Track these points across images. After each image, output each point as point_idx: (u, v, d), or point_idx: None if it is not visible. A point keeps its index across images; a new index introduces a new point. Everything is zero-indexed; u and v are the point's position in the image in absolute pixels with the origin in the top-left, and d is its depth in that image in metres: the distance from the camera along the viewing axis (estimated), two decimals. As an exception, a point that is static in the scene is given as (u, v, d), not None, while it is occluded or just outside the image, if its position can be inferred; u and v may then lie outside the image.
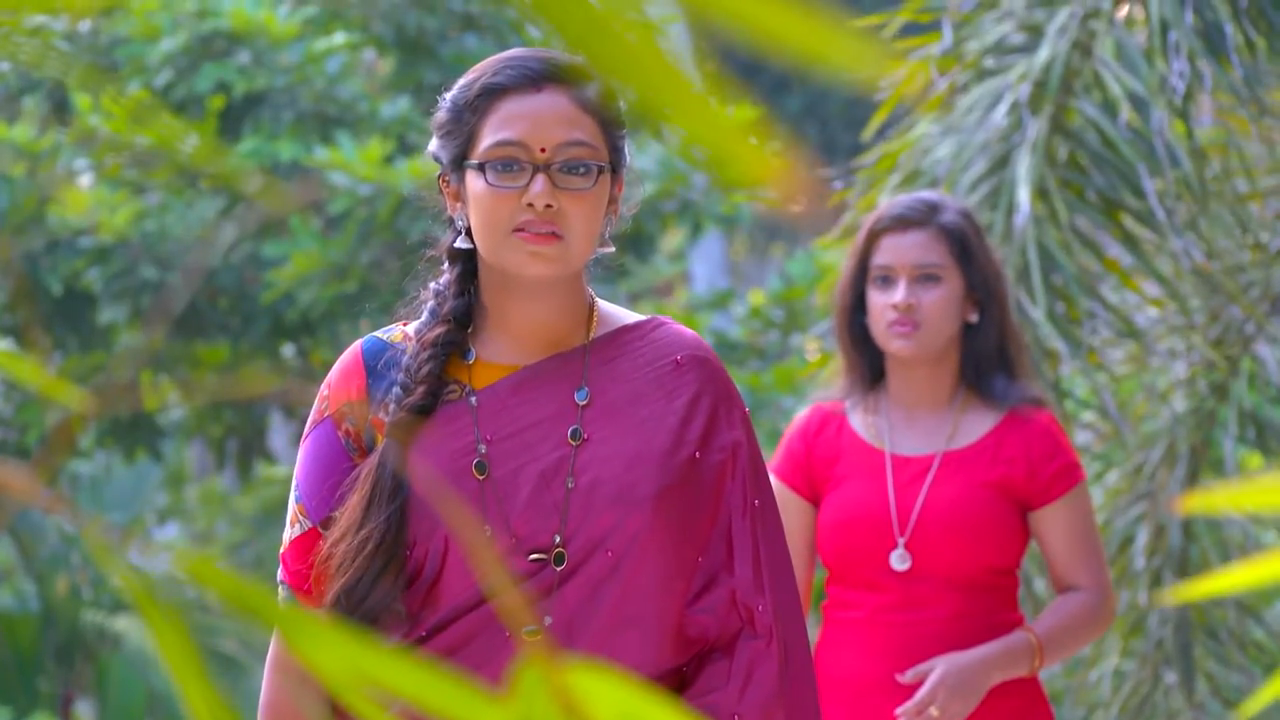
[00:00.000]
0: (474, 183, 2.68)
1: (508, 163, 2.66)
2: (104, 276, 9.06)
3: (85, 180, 9.19)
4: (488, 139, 2.67)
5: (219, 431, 10.05)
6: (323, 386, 2.78)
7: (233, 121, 9.20)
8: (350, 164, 8.75)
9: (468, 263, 2.76)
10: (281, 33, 9.07)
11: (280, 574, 2.78)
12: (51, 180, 9.04)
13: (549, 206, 2.64)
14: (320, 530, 2.73)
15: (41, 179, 8.99)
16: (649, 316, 2.82)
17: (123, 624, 11.21)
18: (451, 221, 2.77)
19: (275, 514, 12.87)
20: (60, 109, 9.27)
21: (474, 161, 2.68)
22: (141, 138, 8.91)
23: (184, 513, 13.48)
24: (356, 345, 2.79)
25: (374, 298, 8.93)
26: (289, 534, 2.77)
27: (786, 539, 3.85)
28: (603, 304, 2.79)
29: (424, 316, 2.76)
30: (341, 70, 9.15)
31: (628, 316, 2.80)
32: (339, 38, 9.20)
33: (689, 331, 2.81)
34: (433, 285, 2.79)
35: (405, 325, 2.79)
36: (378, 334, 2.79)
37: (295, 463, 2.81)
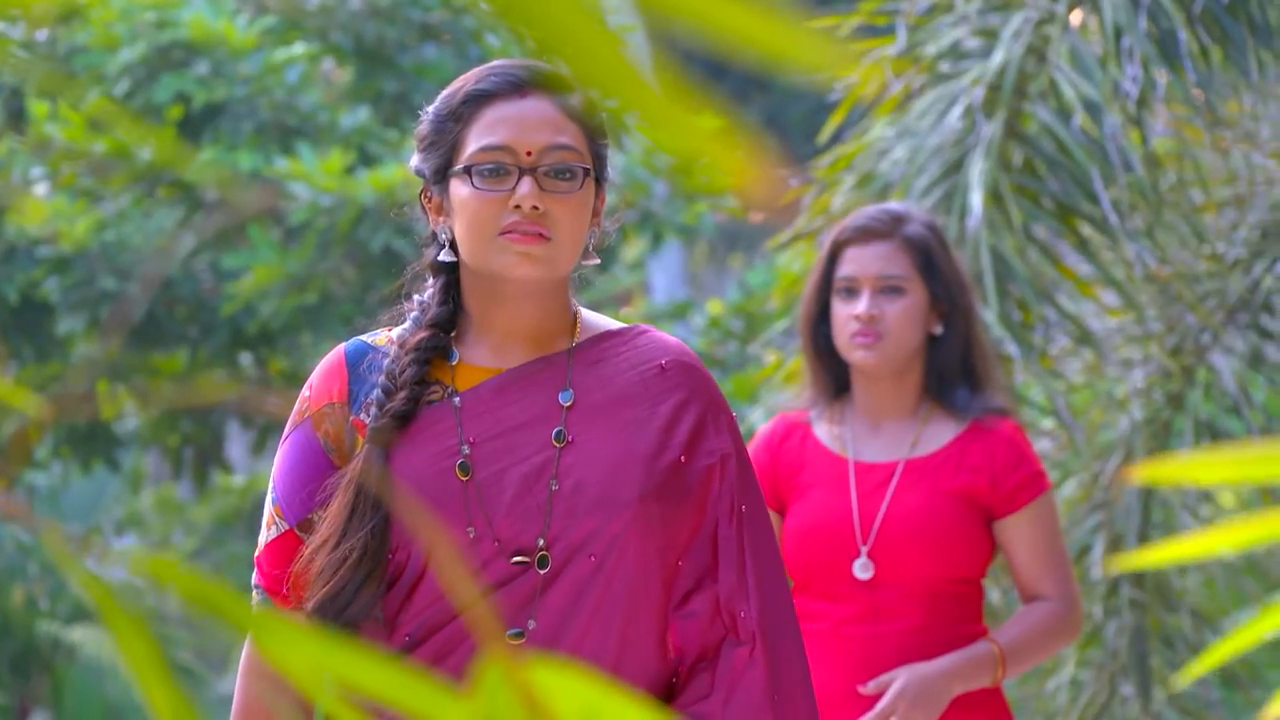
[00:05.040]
0: (459, 189, 2.69)
1: (494, 166, 2.66)
2: (62, 286, 9.03)
3: (40, 189, 9.16)
4: (473, 144, 2.68)
5: (176, 441, 10.02)
6: (304, 388, 2.78)
7: (192, 132, 9.18)
8: (310, 174, 8.74)
9: (450, 274, 2.75)
10: (240, 43, 9.06)
11: (255, 577, 2.77)
12: (7, 189, 9.00)
13: (535, 208, 2.64)
14: (297, 533, 2.72)
15: (-2, 188, 8.95)
16: (633, 325, 2.82)
17: (79, 635, 11.16)
18: (434, 236, 2.77)
19: (232, 524, 12.83)
20: (16, 117, 9.24)
21: (459, 167, 2.68)
22: (98, 145, 8.88)
23: (141, 522, 13.43)
24: (340, 347, 2.79)
25: (334, 309, 8.92)
26: (264, 536, 2.75)
27: None
28: (585, 312, 2.79)
29: (407, 324, 2.76)
30: (301, 80, 9.14)
31: (611, 324, 2.81)
32: (298, 48, 9.19)
33: (673, 339, 2.81)
34: (416, 298, 2.79)
35: (390, 330, 2.79)
36: (362, 337, 2.79)
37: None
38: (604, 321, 2.80)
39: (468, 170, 2.67)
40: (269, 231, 9.08)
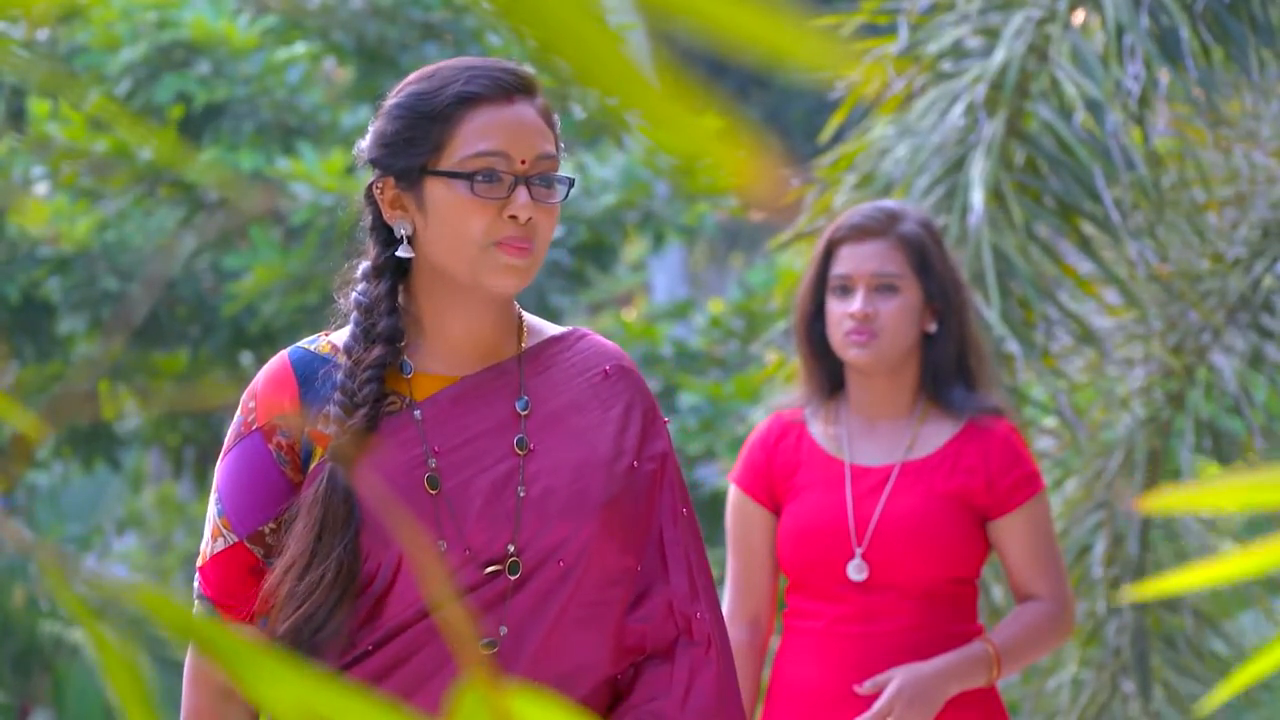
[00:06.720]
0: (445, 192, 2.65)
1: (490, 173, 2.64)
2: (63, 286, 9.03)
3: (41, 189, 9.16)
4: (467, 148, 2.65)
5: (177, 440, 10.02)
6: (246, 399, 2.72)
7: (193, 132, 9.18)
8: (312, 174, 8.74)
9: (396, 272, 2.72)
10: (242, 43, 9.06)
11: (200, 586, 2.72)
12: (7, 189, 9.01)
13: (530, 219, 2.63)
14: (247, 545, 2.68)
15: (-1, 187, 8.96)
16: (571, 328, 2.82)
17: (80, 634, 11.16)
18: (379, 231, 2.73)
19: (234, 524, 12.82)
20: (16, 117, 9.24)
21: (450, 170, 2.65)
22: (99, 145, 8.89)
23: (142, 522, 13.44)
24: (282, 356, 2.74)
25: (335, 309, 8.92)
26: (210, 548, 2.70)
27: (750, 548, 3.88)
28: (527, 315, 2.79)
29: (351, 329, 2.72)
30: (302, 80, 9.14)
31: (551, 328, 2.81)
32: (299, 47, 9.19)
33: (610, 343, 2.82)
34: (354, 296, 2.75)
35: (328, 335, 2.76)
36: (303, 345, 2.75)
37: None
38: (545, 326, 2.80)
39: (462, 174, 2.64)
40: (270, 231, 9.08)
